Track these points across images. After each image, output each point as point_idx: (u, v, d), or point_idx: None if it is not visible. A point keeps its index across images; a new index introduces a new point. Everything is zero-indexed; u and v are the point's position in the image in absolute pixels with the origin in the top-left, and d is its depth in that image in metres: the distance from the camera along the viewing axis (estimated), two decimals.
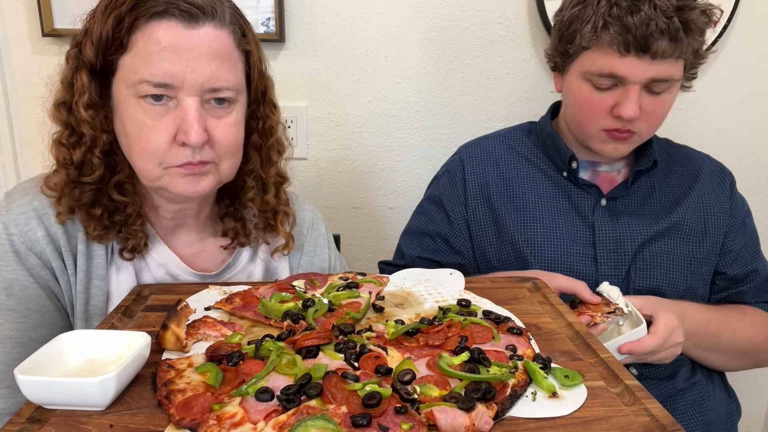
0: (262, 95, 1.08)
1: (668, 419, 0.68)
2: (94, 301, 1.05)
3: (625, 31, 1.14)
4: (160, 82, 0.92)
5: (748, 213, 1.42)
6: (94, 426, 0.66)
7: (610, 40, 1.17)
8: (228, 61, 0.98)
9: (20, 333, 1.00)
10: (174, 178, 0.98)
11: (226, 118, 0.99)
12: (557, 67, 1.35)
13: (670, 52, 1.15)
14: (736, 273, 1.36)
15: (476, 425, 0.64)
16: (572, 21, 1.24)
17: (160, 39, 0.92)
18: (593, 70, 1.21)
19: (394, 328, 0.85)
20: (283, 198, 1.18)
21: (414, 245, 1.46)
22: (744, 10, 1.74)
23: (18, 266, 0.99)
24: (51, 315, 1.04)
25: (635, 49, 1.15)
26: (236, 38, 1.00)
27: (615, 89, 1.22)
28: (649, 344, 1.12)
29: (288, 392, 0.67)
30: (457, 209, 1.43)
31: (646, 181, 1.37)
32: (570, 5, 1.26)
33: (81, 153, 0.99)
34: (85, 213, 1.01)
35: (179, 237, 1.14)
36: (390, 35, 1.75)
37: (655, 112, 1.24)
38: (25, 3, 1.66)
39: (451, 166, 1.49)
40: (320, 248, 1.29)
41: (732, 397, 1.41)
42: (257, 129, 1.10)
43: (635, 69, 1.17)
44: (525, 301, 1.04)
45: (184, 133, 0.93)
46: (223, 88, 0.96)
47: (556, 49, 1.32)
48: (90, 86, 0.97)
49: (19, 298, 1.00)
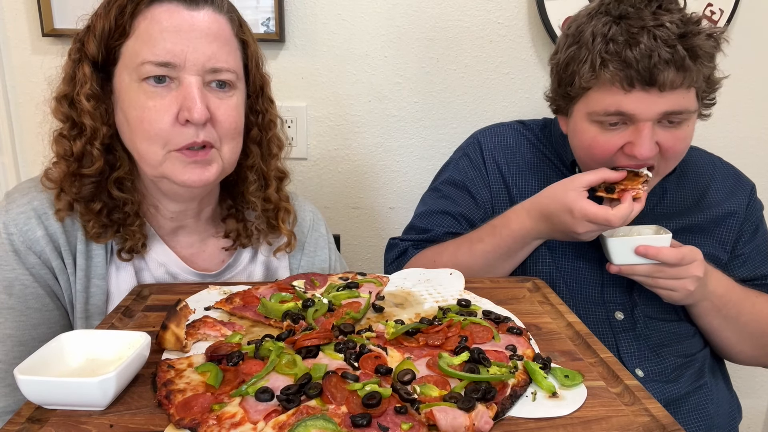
0: (260, 89, 1.10)
1: (668, 419, 0.68)
2: (94, 300, 1.05)
3: (626, 66, 1.08)
4: (163, 61, 0.93)
5: (761, 218, 1.39)
6: (94, 426, 0.66)
7: (611, 78, 1.10)
8: (228, 45, 1.00)
9: (20, 332, 1.00)
10: (176, 166, 0.98)
11: (228, 101, 1.00)
12: (560, 110, 1.30)
13: (679, 83, 1.08)
14: (745, 275, 1.34)
15: (476, 425, 0.64)
16: (569, 63, 1.18)
17: (161, 20, 0.94)
18: (598, 110, 1.15)
19: (394, 328, 0.85)
20: (283, 194, 1.19)
21: (437, 224, 1.42)
22: (744, 10, 1.74)
23: (18, 265, 1.00)
24: (51, 314, 1.04)
25: (640, 83, 1.08)
26: (234, 26, 1.03)
27: (625, 128, 1.15)
28: (667, 253, 1.09)
29: (288, 392, 0.67)
30: (483, 192, 1.41)
31: (660, 185, 1.33)
32: (565, 46, 1.21)
33: (81, 144, 1.00)
34: (84, 208, 1.02)
35: (180, 237, 1.14)
36: (390, 35, 1.75)
37: (675, 148, 1.16)
38: (25, 3, 1.66)
39: (469, 150, 1.47)
40: (320, 249, 1.29)
41: (734, 398, 1.41)
42: (257, 123, 1.11)
43: (644, 104, 1.10)
44: (525, 301, 1.04)
45: (188, 110, 0.94)
46: (223, 70, 0.98)
47: (556, 92, 1.27)
48: (92, 77, 0.99)
49: (19, 297, 1.00)
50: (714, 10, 1.71)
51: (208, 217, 1.17)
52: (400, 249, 1.45)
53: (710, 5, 1.71)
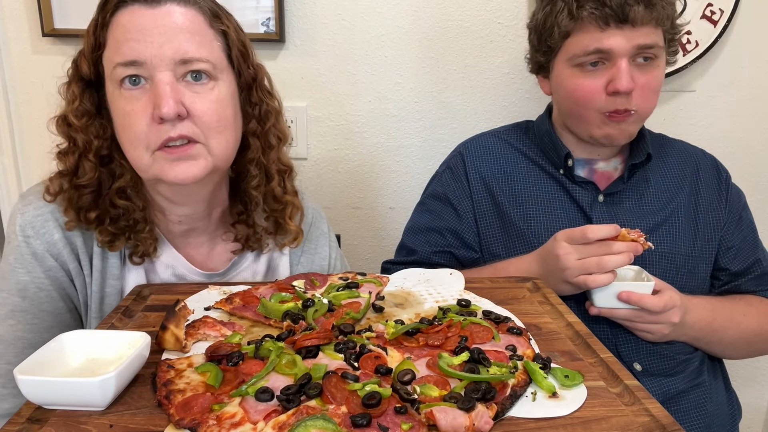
0: (252, 80, 1.08)
1: (668, 419, 0.68)
2: (109, 301, 1.06)
3: (602, 5, 1.19)
4: (128, 60, 0.94)
5: (744, 206, 1.42)
6: (94, 426, 0.66)
7: (588, 17, 1.21)
8: (198, 35, 0.98)
9: (32, 334, 1.01)
10: (163, 164, 0.97)
11: (207, 95, 0.98)
12: (542, 68, 1.39)
13: (648, 18, 1.20)
14: (739, 267, 1.37)
15: (476, 425, 0.64)
16: (546, 17, 1.30)
17: (125, 23, 0.95)
18: (578, 51, 1.25)
19: (394, 328, 0.85)
20: (289, 188, 1.18)
21: (423, 242, 1.44)
22: (744, 10, 1.74)
23: (34, 268, 1.00)
24: (63, 316, 1.05)
25: (614, 20, 1.19)
26: (206, 17, 1.01)
27: (604, 69, 1.25)
28: (649, 301, 1.14)
29: (288, 392, 0.67)
30: (464, 203, 1.43)
31: (642, 176, 1.38)
32: (541, 8, 1.33)
33: (75, 158, 1.01)
34: (84, 218, 1.02)
35: (189, 239, 1.15)
36: (390, 35, 1.75)
37: (649, 85, 1.26)
38: (25, 3, 1.66)
39: (452, 162, 1.49)
40: (321, 246, 1.29)
41: (733, 398, 1.41)
42: (254, 115, 1.10)
43: (619, 40, 1.21)
44: (525, 301, 1.04)
45: (157, 107, 0.93)
46: (194, 60, 0.96)
47: (537, 50, 1.36)
48: (81, 95, 1.00)
49: (33, 300, 1.01)
50: (714, 10, 1.71)
51: (217, 218, 1.17)
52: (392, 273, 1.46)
53: (710, 5, 1.71)
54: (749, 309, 1.33)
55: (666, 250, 1.32)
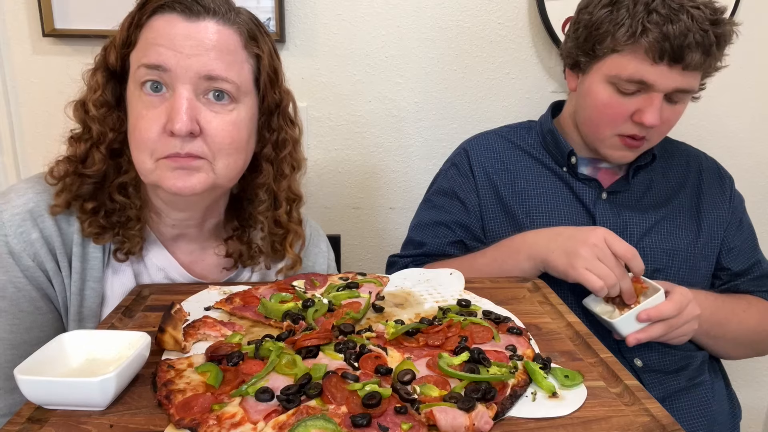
0: (276, 106, 1.07)
1: (668, 419, 0.68)
2: (89, 303, 1.05)
3: (664, 40, 1.14)
4: (154, 64, 0.93)
5: (744, 210, 1.45)
6: (94, 426, 0.66)
7: (647, 47, 1.16)
8: (229, 56, 0.97)
9: (12, 335, 1.00)
10: (164, 172, 0.96)
11: (225, 115, 0.97)
12: (577, 66, 1.32)
13: (700, 65, 1.17)
14: (740, 267, 1.39)
15: (476, 425, 0.64)
16: (603, 21, 1.21)
17: (159, 28, 0.95)
18: (622, 74, 1.20)
19: (394, 328, 0.85)
20: (295, 217, 1.16)
21: (432, 236, 1.43)
22: (744, 10, 1.74)
23: (12, 268, 0.99)
24: (44, 317, 1.03)
25: (669, 58, 1.15)
26: (242, 38, 1.00)
27: (638, 96, 1.22)
28: (666, 308, 1.11)
29: (288, 392, 0.67)
30: (471, 198, 1.42)
31: (645, 176, 1.39)
32: (599, 5, 1.24)
33: (86, 147, 1.01)
34: (80, 207, 1.02)
35: (180, 244, 1.14)
36: (390, 35, 1.75)
37: (669, 122, 1.26)
38: (25, 3, 1.66)
39: (457, 159, 1.49)
40: (319, 265, 1.29)
41: (734, 398, 1.42)
42: (271, 140, 1.09)
43: (665, 78, 1.17)
44: (525, 301, 1.04)
45: (171, 121, 0.93)
46: (219, 78, 0.95)
47: (579, 47, 1.28)
48: (104, 85, 1.00)
49: (12, 299, 0.99)
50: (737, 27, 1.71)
51: (210, 229, 1.16)
52: (400, 266, 1.45)
53: None
54: (749, 307, 1.34)
55: (667, 245, 1.32)
